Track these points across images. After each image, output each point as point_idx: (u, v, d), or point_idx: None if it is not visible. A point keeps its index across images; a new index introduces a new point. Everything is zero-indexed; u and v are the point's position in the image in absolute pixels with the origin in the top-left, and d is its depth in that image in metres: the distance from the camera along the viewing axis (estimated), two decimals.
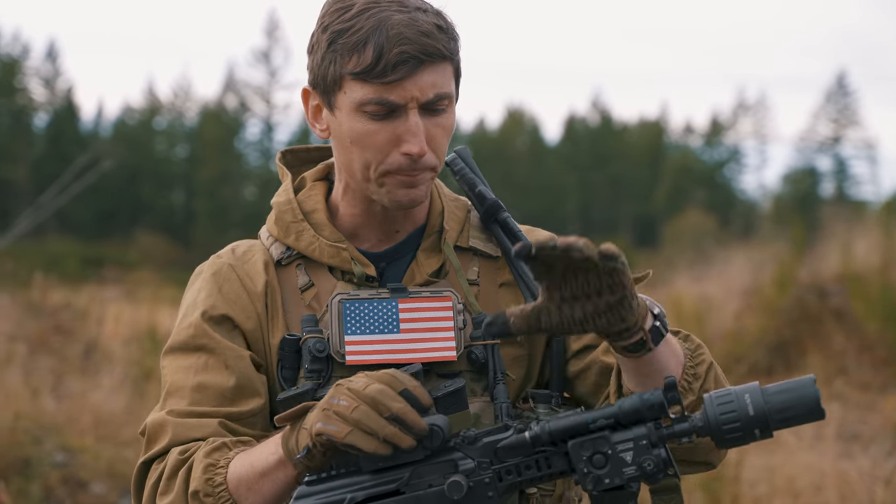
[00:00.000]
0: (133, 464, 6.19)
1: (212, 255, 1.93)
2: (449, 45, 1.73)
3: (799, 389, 1.41)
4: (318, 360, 1.75)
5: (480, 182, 1.87)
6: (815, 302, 10.15)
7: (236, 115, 55.93)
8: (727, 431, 1.41)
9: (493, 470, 1.50)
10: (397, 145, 1.72)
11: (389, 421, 1.50)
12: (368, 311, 1.78)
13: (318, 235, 1.84)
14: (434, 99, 1.72)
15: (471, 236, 1.86)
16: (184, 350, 1.82)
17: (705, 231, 28.72)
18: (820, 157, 58.16)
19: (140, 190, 53.17)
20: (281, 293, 1.84)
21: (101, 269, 32.71)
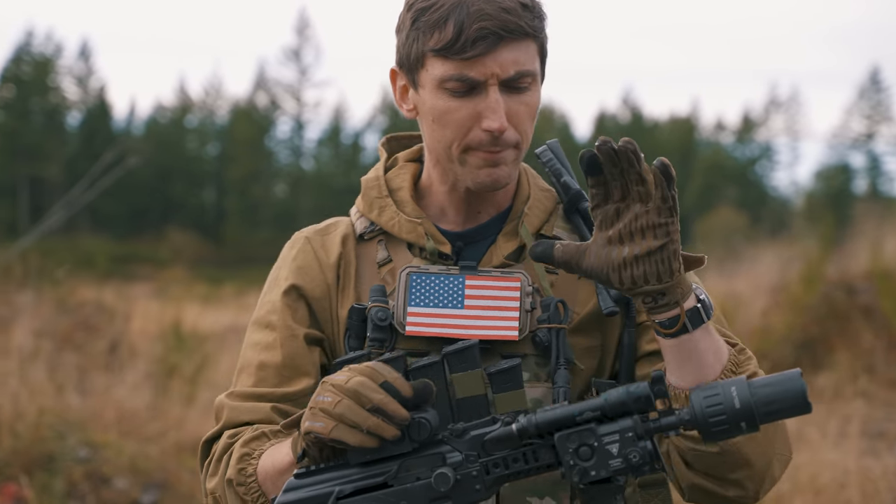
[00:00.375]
0: (155, 460, 6.22)
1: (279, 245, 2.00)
2: (533, 22, 1.72)
3: (785, 383, 1.40)
4: (381, 329, 1.77)
5: (567, 173, 1.87)
6: (843, 299, 10.06)
7: (267, 114, 56.19)
8: (713, 424, 1.40)
9: (480, 463, 1.49)
10: (478, 122, 1.72)
11: (372, 412, 1.51)
12: (434, 285, 1.80)
13: (399, 211, 1.86)
14: (515, 76, 1.71)
15: (555, 226, 1.85)
16: (257, 325, 1.89)
17: (736, 228, 28.56)
18: (853, 153, 57.78)
19: (171, 188, 53.50)
20: (357, 266, 1.88)
21: (132, 266, 33.01)
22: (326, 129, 57.74)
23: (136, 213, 52.01)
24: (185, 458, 6.46)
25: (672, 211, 1.47)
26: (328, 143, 58.09)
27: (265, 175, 54.96)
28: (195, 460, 6.45)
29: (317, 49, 58.47)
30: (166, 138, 55.42)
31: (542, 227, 1.85)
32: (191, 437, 6.76)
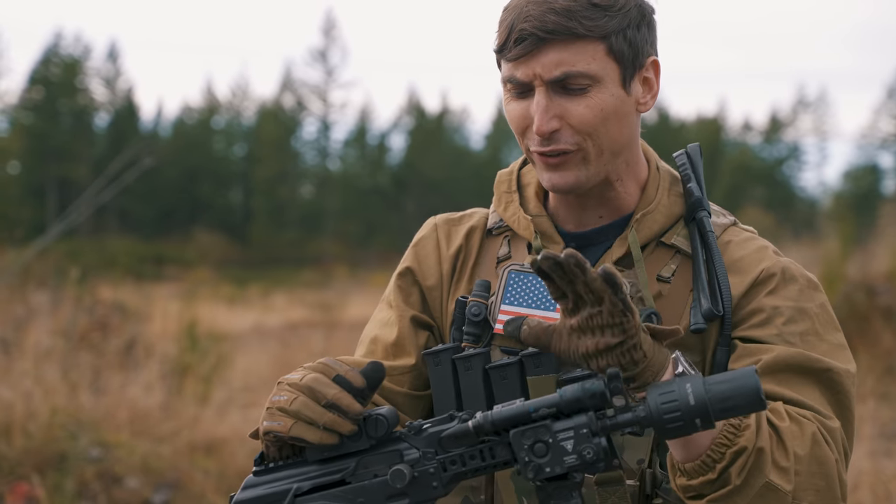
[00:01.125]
0: (167, 459, 6.22)
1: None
2: (596, 22, 1.67)
3: (739, 380, 1.38)
4: (475, 324, 1.78)
5: (694, 179, 1.83)
6: (864, 300, 9.99)
7: (293, 114, 56.38)
8: (668, 421, 1.38)
9: (437, 460, 1.48)
10: (531, 123, 1.72)
11: (327, 408, 1.51)
12: (531, 285, 1.79)
13: (520, 207, 1.86)
14: (561, 77, 1.68)
15: (678, 234, 1.80)
16: (382, 302, 1.95)
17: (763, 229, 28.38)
18: (882, 153, 57.36)
19: (199, 189, 53.80)
20: (476, 258, 1.89)
21: (160, 266, 33.21)
22: (352, 130, 57.91)
23: (164, 214, 52.32)
24: (198, 457, 6.47)
25: (624, 313, 1.43)
26: (354, 144, 58.23)
27: (291, 176, 55.16)
28: (208, 460, 6.48)
29: (343, 50, 58.62)
30: (193, 139, 55.72)
31: (664, 234, 1.81)
32: (204, 436, 6.77)
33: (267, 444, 1.58)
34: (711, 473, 1.54)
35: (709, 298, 1.71)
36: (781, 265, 1.75)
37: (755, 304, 1.72)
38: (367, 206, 54.83)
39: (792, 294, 1.73)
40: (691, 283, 1.76)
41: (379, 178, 57.16)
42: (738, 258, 1.76)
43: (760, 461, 1.54)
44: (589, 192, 1.78)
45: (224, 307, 18.42)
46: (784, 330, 1.69)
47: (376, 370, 1.56)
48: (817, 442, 1.59)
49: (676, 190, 1.83)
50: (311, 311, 19.59)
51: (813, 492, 1.58)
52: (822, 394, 1.66)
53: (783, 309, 1.70)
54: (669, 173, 1.86)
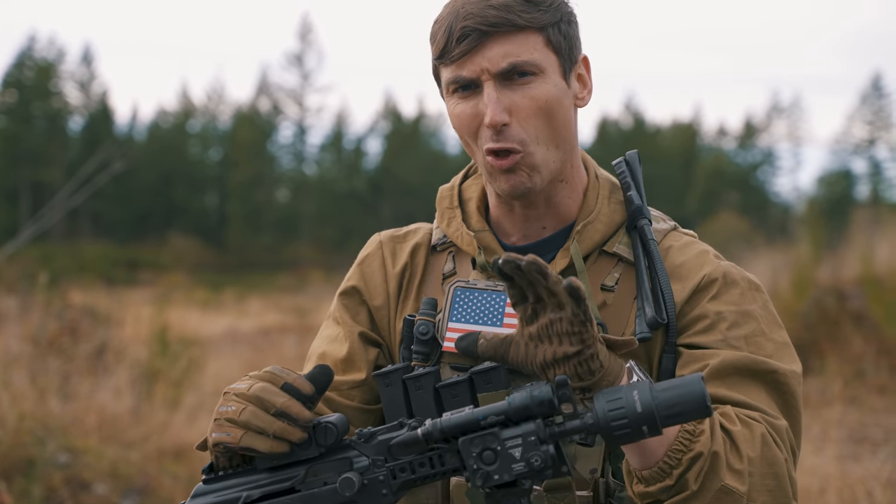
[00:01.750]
0: (136, 465, 6.18)
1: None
2: (532, 14, 1.71)
3: (686, 387, 1.38)
4: (424, 343, 1.79)
5: (634, 187, 1.84)
6: (834, 305, 10.05)
7: (269, 119, 56.28)
8: (616, 428, 1.39)
9: (387, 467, 1.49)
10: (482, 121, 1.73)
11: (276, 417, 1.51)
12: (477, 301, 1.80)
13: (463, 223, 1.87)
14: (508, 68, 1.70)
15: (619, 242, 1.81)
16: (328, 319, 1.95)
17: (738, 234, 28.54)
18: (855, 159, 57.76)
19: (174, 193, 53.61)
20: (422, 276, 1.90)
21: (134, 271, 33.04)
22: (329, 135, 57.85)
23: (139, 218, 52.11)
24: (167, 463, 6.44)
25: (584, 323, 1.44)
26: (330, 149, 58.16)
27: (267, 180, 55.01)
28: (177, 466, 6.45)
29: (319, 54, 58.50)
30: (168, 143, 55.52)
31: (606, 243, 1.82)
32: (174, 442, 6.74)
33: (217, 455, 1.57)
34: (669, 479, 1.55)
35: (653, 307, 1.72)
36: (722, 269, 1.77)
37: (699, 311, 1.73)
38: (343, 211, 54.79)
39: (734, 298, 1.74)
40: (635, 291, 1.77)
41: (355, 182, 57.11)
42: (679, 264, 1.78)
43: (716, 465, 1.55)
44: (537, 197, 1.79)
45: (198, 312, 18.35)
46: (728, 335, 1.70)
47: (324, 373, 1.56)
48: (767, 443, 1.61)
49: (616, 197, 1.85)
50: (285, 316, 19.56)
51: (765, 492, 1.59)
52: (769, 395, 1.68)
53: (726, 314, 1.72)
54: (609, 181, 1.87)
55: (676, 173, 55.65)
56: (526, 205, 1.81)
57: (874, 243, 11.35)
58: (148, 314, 10.46)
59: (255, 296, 25.82)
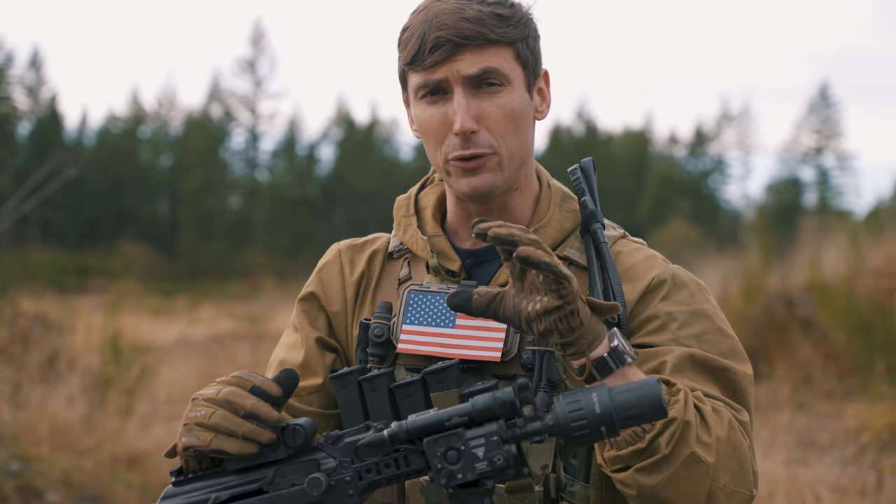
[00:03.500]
0: (89, 473, 6.14)
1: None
2: (503, 30, 1.76)
3: (642, 389, 1.43)
4: (379, 345, 1.84)
5: (588, 193, 1.88)
6: (783, 311, 10.19)
7: (221, 125, 55.94)
8: (575, 429, 1.43)
9: (353, 468, 1.52)
10: (450, 127, 1.77)
11: (246, 419, 1.54)
12: (430, 304, 1.84)
13: (418, 229, 1.92)
14: (479, 73, 1.75)
15: (570, 246, 1.86)
16: (288, 327, 2.00)
17: (689, 241, 28.80)
18: (803, 167, 58.47)
19: (124, 199, 53.11)
20: (378, 282, 1.94)
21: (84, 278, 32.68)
22: (281, 141, 57.61)
23: (88, 225, 51.60)
24: (121, 471, 6.42)
25: (559, 280, 1.48)
26: (283, 155, 57.95)
27: (219, 186, 54.71)
28: (131, 473, 6.42)
29: (272, 60, 58.34)
30: (119, 149, 55.03)
31: (556, 248, 1.86)
32: (127, 449, 6.72)
33: (186, 460, 1.60)
34: (641, 443, 1.60)
35: None
36: (671, 272, 1.83)
37: (650, 311, 1.78)
38: (295, 218, 54.61)
39: (684, 298, 1.80)
40: (585, 293, 1.82)
41: (308, 189, 56.94)
42: (629, 267, 1.83)
43: (687, 433, 1.60)
44: (493, 202, 1.84)
45: (149, 319, 18.22)
46: (679, 334, 1.76)
47: (290, 377, 1.60)
48: (733, 428, 1.66)
49: (568, 206, 1.90)
50: (238, 323, 19.47)
51: (728, 473, 1.64)
52: (721, 391, 1.73)
53: (677, 314, 1.77)
54: (561, 190, 1.93)
55: (628, 181, 56.03)
56: (481, 211, 1.86)
57: (822, 251, 11.52)
58: (99, 321, 10.40)
59: (206, 303, 25.66)
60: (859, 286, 9.74)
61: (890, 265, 10.13)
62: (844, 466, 6.20)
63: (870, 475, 5.80)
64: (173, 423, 8.00)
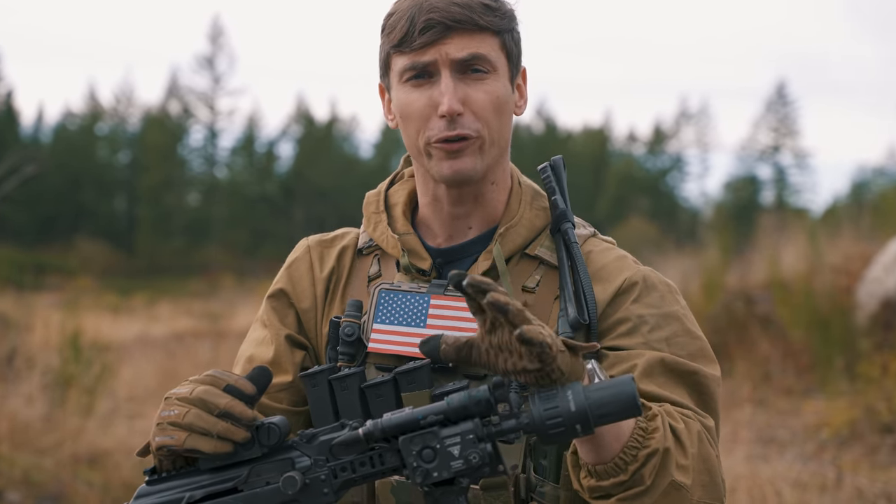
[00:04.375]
0: (50, 472, 6.09)
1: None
2: (490, 18, 1.78)
3: (617, 387, 1.44)
4: (349, 344, 1.83)
5: (559, 192, 1.88)
6: (742, 308, 10.25)
7: (180, 122, 55.56)
8: (551, 427, 1.44)
9: (328, 467, 1.52)
10: (435, 110, 1.77)
11: (220, 417, 1.54)
12: (401, 303, 1.83)
13: (388, 227, 1.91)
14: (467, 58, 1.76)
15: (541, 245, 1.86)
16: (256, 322, 1.99)
17: (647, 238, 28.93)
18: (760, 165, 58.97)
19: (81, 196, 52.65)
20: (348, 279, 1.93)
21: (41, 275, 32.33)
22: (240, 138, 57.30)
23: (45, 222, 51.04)
24: (82, 470, 6.37)
25: (543, 351, 1.43)
26: (242, 152, 57.65)
27: (178, 183, 54.35)
28: (92, 472, 6.37)
29: (230, 57, 57.94)
30: (76, 146, 54.51)
31: (528, 247, 1.86)
32: (88, 448, 6.66)
33: (160, 459, 1.59)
34: (623, 475, 1.60)
35: (575, 308, 1.77)
36: (642, 274, 1.84)
37: (621, 314, 1.79)
38: (254, 215, 54.34)
39: (654, 301, 1.81)
40: (556, 292, 1.82)
41: (267, 186, 56.68)
42: (600, 267, 1.84)
43: (667, 462, 1.61)
44: (469, 190, 1.84)
45: (108, 317, 18.07)
46: (650, 337, 1.77)
47: (263, 374, 1.60)
48: (702, 440, 1.67)
49: (538, 203, 1.91)
50: (197, 321, 19.35)
51: (700, 487, 1.65)
52: (690, 395, 1.74)
53: (647, 317, 1.78)
54: (531, 188, 1.94)
55: (587, 178, 56.21)
56: (456, 201, 1.86)
57: (780, 248, 11.61)
58: (58, 320, 10.30)
59: (165, 301, 25.49)
60: (817, 283, 9.82)
61: (847, 263, 10.22)
62: (804, 462, 6.26)
63: (830, 471, 5.86)
64: (134, 422, 7.96)
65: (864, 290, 9.32)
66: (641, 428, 1.60)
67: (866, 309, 9.10)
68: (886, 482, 5.68)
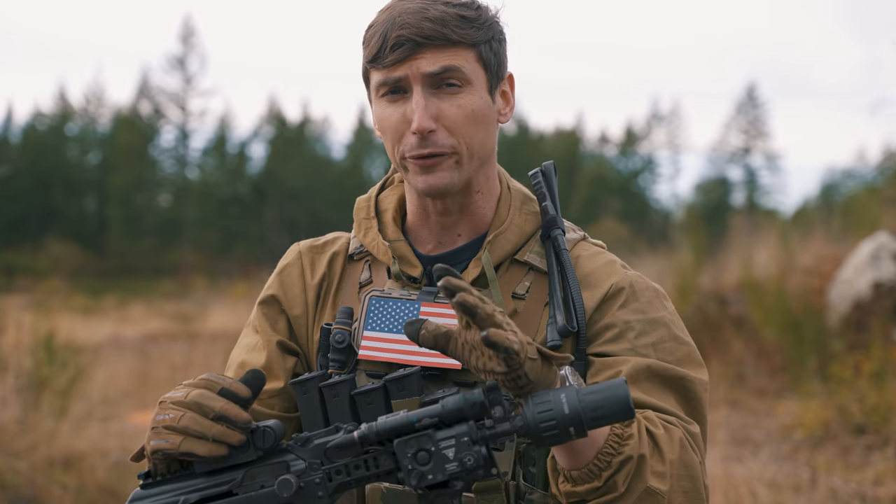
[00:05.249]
0: (24, 475, 6.05)
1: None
2: (466, 31, 1.76)
3: (610, 390, 1.45)
4: (340, 351, 1.83)
5: (549, 198, 1.88)
6: (716, 309, 10.32)
7: (151, 122, 55.24)
8: (544, 430, 1.45)
9: (323, 470, 1.53)
10: (409, 126, 1.77)
11: (215, 421, 1.54)
12: (392, 311, 1.83)
13: (379, 233, 1.91)
14: (439, 71, 1.75)
15: (531, 251, 1.86)
16: (248, 328, 1.99)
17: (619, 239, 29.02)
18: (731, 167, 59.29)
19: (51, 197, 52.26)
20: (339, 285, 1.93)
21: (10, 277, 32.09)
22: (212, 139, 57.05)
23: (14, 223, 50.64)
24: (56, 472, 6.33)
25: (509, 356, 1.44)
26: (213, 153, 57.40)
27: (149, 184, 54.05)
28: (66, 475, 6.34)
29: (202, 57, 57.60)
30: (45, 146, 54.11)
31: (518, 252, 1.86)
32: (62, 451, 6.63)
33: (155, 463, 1.59)
34: (597, 481, 1.61)
35: (563, 315, 1.78)
36: (629, 279, 1.84)
37: (608, 320, 1.79)
38: (225, 216, 54.13)
39: (641, 306, 1.81)
40: (545, 299, 1.83)
41: (238, 187, 56.47)
42: (588, 272, 1.84)
43: (642, 468, 1.62)
44: (453, 201, 1.84)
45: (79, 318, 17.96)
46: (636, 343, 1.77)
47: (256, 377, 1.60)
48: (684, 447, 1.68)
49: (528, 208, 1.91)
50: (169, 322, 19.27)
51: (681, 493, 1.66)
52: (677, 400, 1.75)
53: (634, 323, 1.79)
54: (521, 192, 1.94)
55: (559, 180, 55.76)
56: (442, 212, 1.86)
57: (753, 249, 11.68)
58: (29, 321, 10.22)
59: (137, 302, 25.37)
60: (790, 285, 9.90)
61: (819, 264, 10.31)
62: (779, 463, 6.31)
63: (804, 471, 5.91)
64: (109, 424, 7.92)
65: (835, 292, 9.39)
66: (616, 434, 1.61)
67: (838, 310, 9.17)
68: (860, 482, 5.73)
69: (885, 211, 10.66)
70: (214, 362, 10.71)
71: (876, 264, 9.04)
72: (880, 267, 9.00)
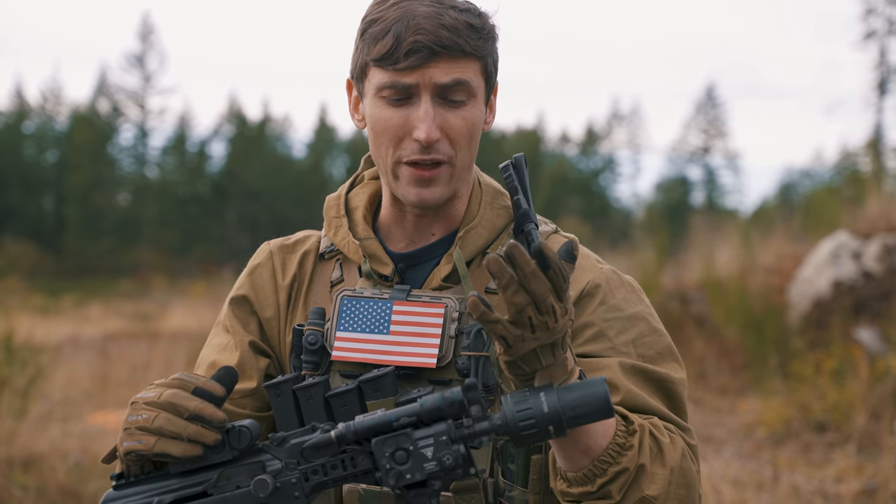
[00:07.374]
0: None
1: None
2: (476, 42, 1.74)
3: (590, 388, 1.45)
4: (313, 352, 1.81)
5: (521, 191, 1.83)
6: (677, 308, 10.38)
7: (109, 120, 54.80)
8: (523, 429, 1.44)
9: (299, 470, 1.51)
10: (410, 132, 1.74)
11: (190, 420, 1.52)
12: (364, 310, 1.81)
13: (349, 231, 1.89)
14: (450, 83, 1.72)
15: (503, 245, 1.82)
16: (218, 326, 1.96)
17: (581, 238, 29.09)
18: (690, 166, 59.69)
19: (8, 195, 51.68)
20: (310, 285, 1.91)
21: None
22: (171, 137, 56.69)
23: None
24: (16, 474, 6.26)
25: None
26: (173, 151, 57.04)
27: (107, 183, 53.61)
28: (26, 476, 6.26)
29: (161, 55, 57.12)
30: (1, 144, 53.53)
31: (490, 247, 1.85)
32: (22, 452, 6.55)
33: (128, 465, 1.57)
34: (590, 486, 1.61)
35: None
36: (605, 275, 1.84)
37: (586, 318, 1.78)
38: (185, 215, 53.81)
39: (619, 303, 1.81)
40: None
41: (198, 186, 56.15)
42: None
43: (640, 478, 1.62)
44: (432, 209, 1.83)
45: (37, 318, 17.77)
46: (617, 342, 1.77)
47: (229, 374, 1.58)
48: (685, 456, 1.68)
49: (499, 203, 1.90)
50: (128, 322, 19.12)
51: (677, 501, 1.66)
52: (661, 400, 1.75)
53: (613, 321, 1.79)
54: (492, 187, 1.93)
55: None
56: (420, 214, 1.85)
57: (714, 249, 11.76)
58: None
59: (95, 302, 25.13)
60: (751, 283, 9.97)
61: (779, 263, 10.38)
62: (742, 461, 6.34)
63: (766, 469, 5.95)
64: (69, 424, 7.83)
65: (795, 290, 9.47)
66: (618, 444, 1.61)
67: (798, 308, 9.25)
68: (822, 479, 5.78)
69: (844, 210, 10.75)
70: (175, 362, 10.63)
71: (836, 263, 9.12)
72: (840, 266, 9.09)
